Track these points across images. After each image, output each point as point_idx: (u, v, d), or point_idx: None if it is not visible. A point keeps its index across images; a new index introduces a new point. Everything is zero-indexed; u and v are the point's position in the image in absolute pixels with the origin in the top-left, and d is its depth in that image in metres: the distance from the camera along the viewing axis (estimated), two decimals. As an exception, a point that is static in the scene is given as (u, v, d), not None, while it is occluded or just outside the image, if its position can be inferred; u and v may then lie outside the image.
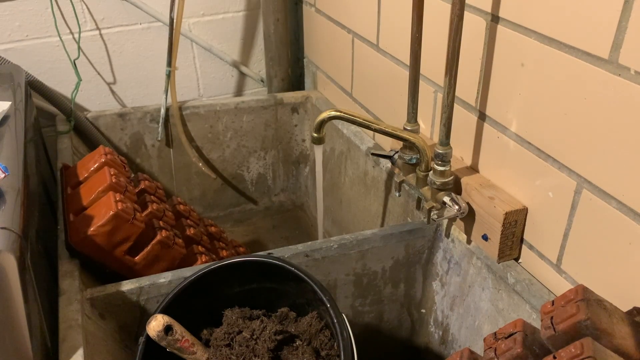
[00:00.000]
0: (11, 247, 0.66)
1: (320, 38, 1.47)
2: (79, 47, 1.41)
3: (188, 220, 1.18)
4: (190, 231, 1.13)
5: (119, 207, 0.93)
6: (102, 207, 0.94)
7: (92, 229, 0.91)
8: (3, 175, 0.73)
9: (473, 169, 0.94)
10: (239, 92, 1.65)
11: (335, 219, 1.51)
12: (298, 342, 0.82)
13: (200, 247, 1.09)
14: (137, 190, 1.12)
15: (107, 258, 0.95)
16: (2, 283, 0.65)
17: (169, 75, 1.42)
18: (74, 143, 1.33)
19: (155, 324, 0.75)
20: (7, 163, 0.80)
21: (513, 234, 0.85)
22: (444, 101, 0.84)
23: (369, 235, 0.98)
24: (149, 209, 1.06)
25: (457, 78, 0.82)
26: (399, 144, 1.01)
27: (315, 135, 0.96)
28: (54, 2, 1.34)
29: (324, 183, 1.51)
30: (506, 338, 0.61)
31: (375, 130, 0.93)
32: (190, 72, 1.56)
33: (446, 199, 0.90)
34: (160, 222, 1.05)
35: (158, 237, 0.99)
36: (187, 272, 0.89)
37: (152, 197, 1.12)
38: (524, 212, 0.83)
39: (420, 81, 0.98)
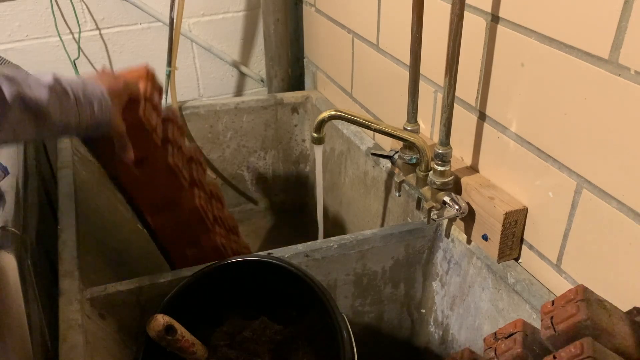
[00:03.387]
0: (11, 247, 0.66)
1: (320, 38, 1.47)
2: (79, 47, 1.41)
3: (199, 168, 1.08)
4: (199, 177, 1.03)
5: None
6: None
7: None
8: (3, 175, 0.73)
9: (473, 169, 0.94)
10: (239, 92, 1.65)
11: (335, 219, 1.51)
12: (298, 342, 0.83)
13: (201, 193, 1.02)
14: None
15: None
16: (2, 283, 0.66)
17: (169, 75, 1.42)
18: (74, 143, 1.33)
19: (155, 324, 0.75)
20: (7, 163, 0.80)
21: (513, 234, 0.84)
22: (444, 101, 0.84)
23: (369, 235, 0.98)
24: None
25: (457, 78, 0.82)
26: (399, 144, 1.01)
27: (315, 135, 0.96)
28: (54, 2, 1.34)
29: (324, 183, 1.51)
30: (506, 338, 0.61)
31: (375, 130, 0.93)
32: (190, 72, 1.56)
33: (446, 199, 0.90)
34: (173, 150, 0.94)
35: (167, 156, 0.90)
36: (187, 272, 0.89)
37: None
38: (524, 212, 0.83)
39: (420, 81, 0.98)
